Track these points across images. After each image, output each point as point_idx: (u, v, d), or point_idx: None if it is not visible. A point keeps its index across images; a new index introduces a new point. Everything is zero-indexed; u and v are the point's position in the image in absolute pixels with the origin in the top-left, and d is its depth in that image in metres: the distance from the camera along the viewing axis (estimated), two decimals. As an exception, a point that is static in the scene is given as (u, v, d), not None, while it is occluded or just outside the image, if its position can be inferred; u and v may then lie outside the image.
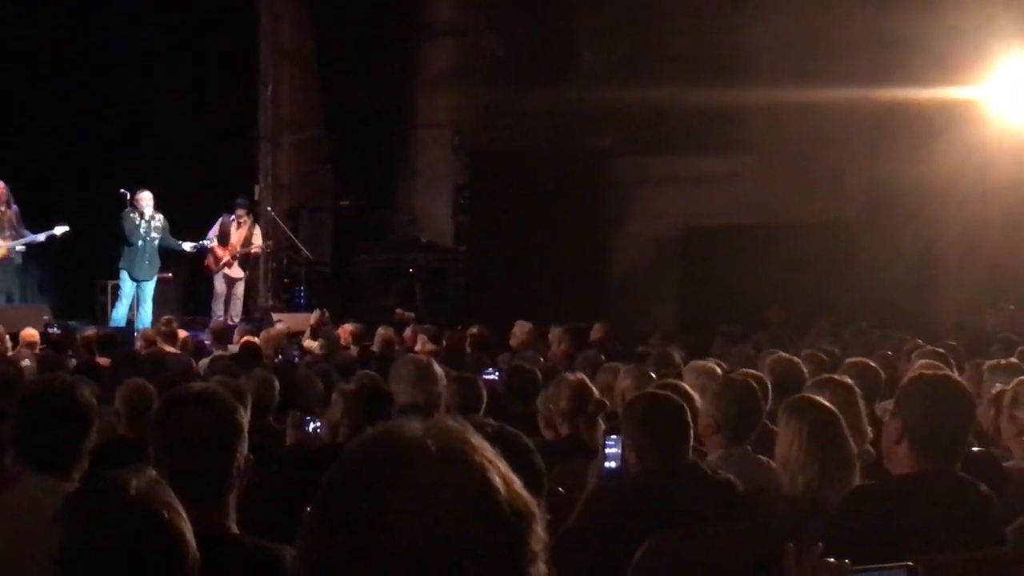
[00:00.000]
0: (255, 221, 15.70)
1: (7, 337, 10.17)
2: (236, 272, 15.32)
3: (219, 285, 15.20)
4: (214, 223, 15.38)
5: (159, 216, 14.49)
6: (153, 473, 2.00)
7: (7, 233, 14.23)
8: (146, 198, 14.45)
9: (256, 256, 15.83)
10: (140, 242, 14.31)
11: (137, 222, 14.36)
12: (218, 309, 15.11)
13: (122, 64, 17.85)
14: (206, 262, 15.20)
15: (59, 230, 14.26)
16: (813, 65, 15.53)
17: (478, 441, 1.58)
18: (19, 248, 14.20)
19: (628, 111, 16.40)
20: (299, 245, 16.39)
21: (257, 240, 15.48)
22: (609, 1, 17.36)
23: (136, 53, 17.99)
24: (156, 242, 14.44)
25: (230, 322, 14.13)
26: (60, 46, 17.53)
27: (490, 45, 17.52)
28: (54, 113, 17.48)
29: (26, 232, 14.36)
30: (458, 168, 17.55)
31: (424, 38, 17.85)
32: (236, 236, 15.22)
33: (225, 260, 15.10)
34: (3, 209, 14.34)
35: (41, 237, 14.32)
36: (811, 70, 15.45)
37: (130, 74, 17.91)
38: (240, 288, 15.44)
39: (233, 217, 15.28)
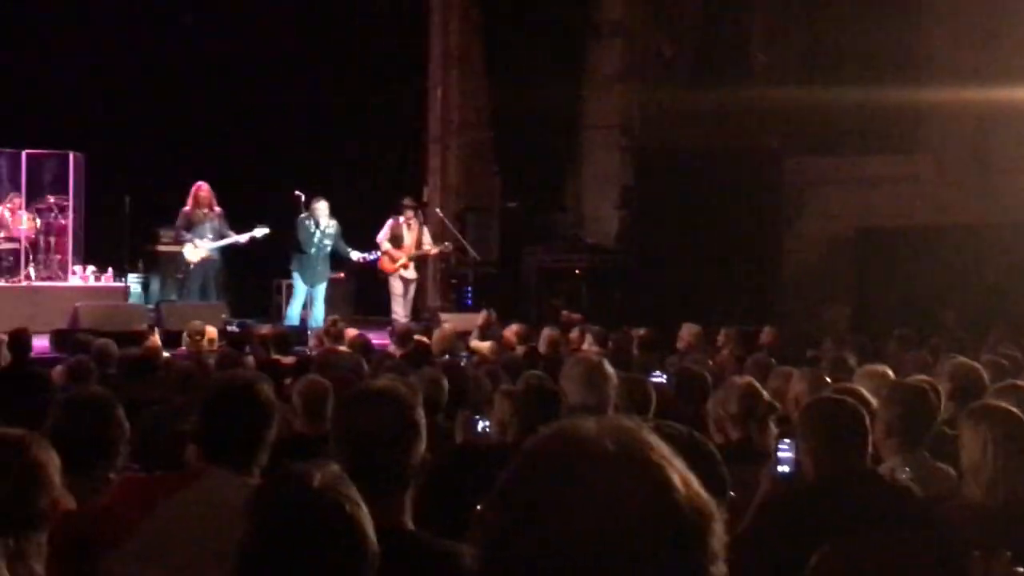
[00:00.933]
0: (423, 222, 15.82)
1: (205, 330, 10.52)
2: (411, 274, 15.43)
3: (396, 286, 15.33)
4: (383, 225, 15.52)
5: (333, 223, 14.73)
6: (336, 468, 2.03)
7: (209, 235, 14.65)
8: (322, 207, 14.68)
9: (436, 257, 15.93)
10: (313, 250, 14.58)
11: (312, 230, 14.61)
12: (398, 309, 15.22)
13: (294, 68, 18.29)
14: (380, 264, 15.36)
15: (259, 231, 14.61)
16: (991, 63, 15.07)
17: (654, 440, 1.56)
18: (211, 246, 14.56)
19: (801, 110, 16.12)
20: (467, 246, 16.53)
21: (427, 240, 15.60)
22: (782, 1, 17.12)
23: (308, 58, 18.42)
24: (328, 249, 14.70)
25: (408, 321, 14.31)
26: (238, 53, 18.04)
27: (659, 45, 17.42)
28: (230, 118, 18.01)
29: (229, 233, 14.75)
30: (626, 169, 17.48)
31: (593, 39, 17.84)
32: (409, 238, 15.33)
33: (402, 261, 15.21)
34: (206, 211, 14.76)
35: (243, 238, 14.70)
36: (989, 68, 14.99)
37: (302, 78, 18.35)
38: (412, 289, 15.58)
39: (402, 219, 15.42)
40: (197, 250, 14.64)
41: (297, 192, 15.08)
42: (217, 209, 14.85)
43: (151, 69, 17.76)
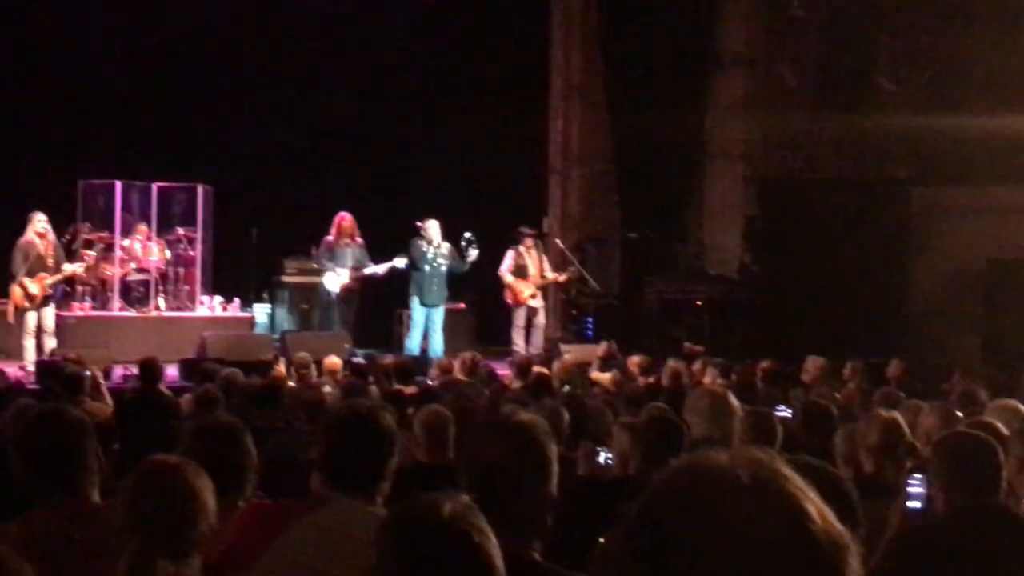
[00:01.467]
0: (542, 250, 15.79)
1: (312, 364, 10.63)
2: (537, 302, 15.40)
3: (519, 318, 15.28)
4: (503, 256, 15.50)
5: (445, 244, 14.82)
6: (465, 498, 2.03)
7: (351, 264, 14.84)
8: (432, 226, 14.82)
9: (562, 284, 15.87)
10: (427, 267, 14.65)
11: (424, 248, 14.72)
12: (519, 341, 15.19)
13: (416, 97, 18.52)
14: (506, 295, 15.34)
15: (399, 262, 14.74)
16: None
17: (788, 471, 1.54)
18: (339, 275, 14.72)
19: (929, 139, 15.83)
20: (587, 277, 16.49)
21: (549, 268, 15.55)
22: (908, 27, 16.82)
23: (430, 87, 18.64)
24: (443, 268, 14.76)
25: (532, 352, 14.29)
26: (362, 86, 18.33)
27: (782, 74, 17.25)
28: (354, 149, 18.29)
29: (370, 263, 14.93)
30: (748, 199, 17.32)
31: (715, 68, 17.75)
32: (533, 267, 15.29)
33: (530, 291, 15.16)
34: (348, 241, 14.96)
35: (381, 269, 14.85)
36: None
37: (424, 108, 18.55)
38: (541, 317, 15.50)
39: (522, 249, 15.40)
40: (339, 279, 14.81)
41: (417, 223, 15.19)
42: (359, 240, 15.03)
43: (278, 104, 18.10)
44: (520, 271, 15.21)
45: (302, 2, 18.28)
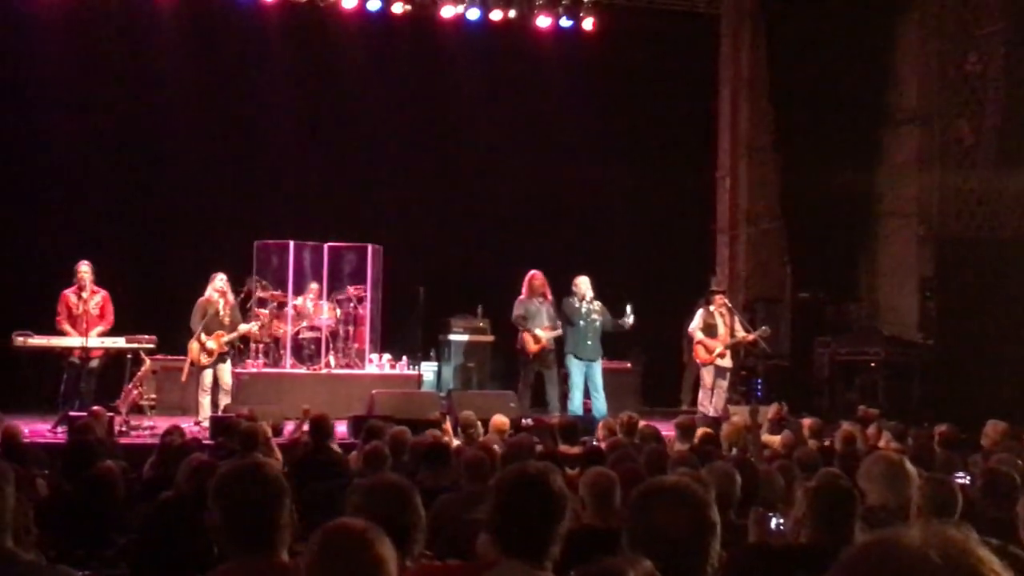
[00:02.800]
0: (732, 309, 15.44)
1: (479, 423, 10.64)
2: (727, 362, 15.11)
3: (707, 377, 15.02)
4: (694, 314, 15.18)
5: (597, 303, 14.69)
6: (648, 564, 1.97)
7: (547, 323, 14.71)
8: (583, 282, 14.69)
9: (753, 343, 15.55)
10: (581, 322, 14.55)
11: (576, 304, 14.64)
12: (705, 402, 14.84)
13: (582, 157, 18.60)
14: (696, 355, 15.11)
15: (629, 320, 14.69)
16: None
17: (984, 553, 1.46)
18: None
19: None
20: (757, 338, 16.18)
21: (740, 328, 15.21)
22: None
23: (597, 147, 18.70)
24: (597, 323, 14.60)
25: (713, 413, 14.05)
26: (527, 147, 18.50)
27: (959, 130, 16.84)
28: (517, 208, 18.46)
29: (558, 323, 14.81)
30: (924, 258, 16.89)
31: (889, 125, 17.41)
32: (723, 326, 15.01)
33: (719, 351, 14.90)
34: (541, 299, 14.89)
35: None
36: None
37: (591, 167, 18.62)
38: (727, 378, 15.21)
39: (712, 308, 15.11)
40: (542, 336, 14.77)
41: (575, 280, 15.07)
42: (549, 297, 15.02)
43: (445, 165, 18.37)
44: (709, 330, 14.92)
45: (468, 65, 18.54)
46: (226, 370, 13.84)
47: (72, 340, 13.09)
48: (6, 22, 16.37)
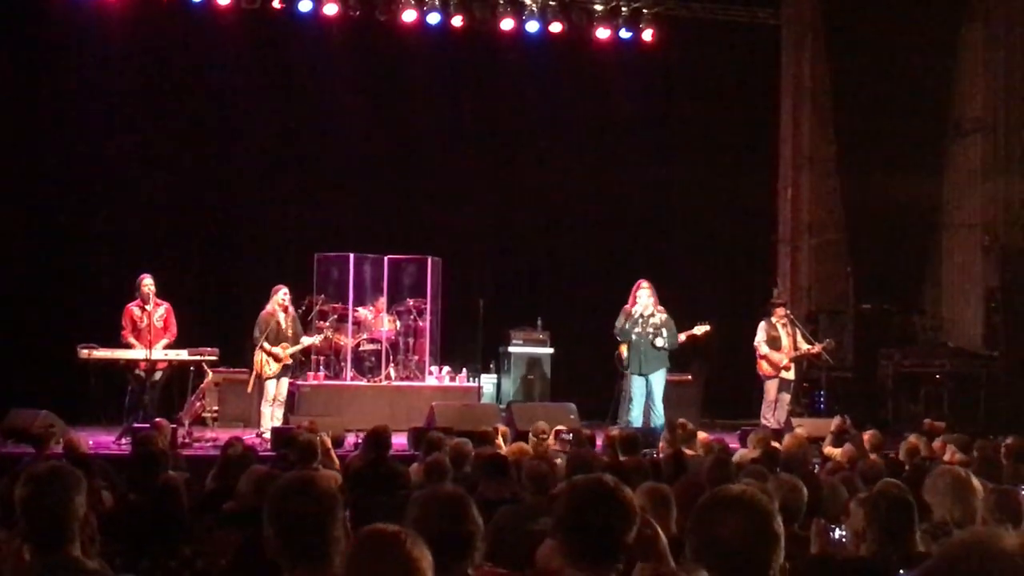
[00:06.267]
0: (794, 321, 15.26)
1: (546, 433, 10.63)
2: (791, 375, 14.89)
3: (771, 390, 14.87)
4: (757, 328, 14.99)
5: (661, 315, 14.43)
6: (705, 574, 1.95)
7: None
8: (640, 295, 14.41)
9: (817, 356, 15.34)
10: (634, 337, 14.23)
11: (622, 321, 14.37)
12: (768, 415, 14.63)
13: (645, 168, 18.56)
14: (759, 368, 14.90)
15: (699, 329, 14.54)
16: None
17: None
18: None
19: None
20: (820, 350, 16.00)
21: (802, 339, 15.01)
22: None
23: (659, 158, 18.66)
24: (651, 337, 14.29)
25: (777, 426, 13.87)
26: (584, 156, 18.49)
27: (1024, 141, 16.64)
28: (576, 218, 18.45)
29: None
30: (989, 269, 16.67)
31: (954, 135, 17.20)
32: (786, 338, 14.84)
33: (784, 363, 14.72)
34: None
35: (682, 337, 14.50)
36: None
37: (653, 177, 18.59)
38: (791, 391, 15.01)
39: (774, 320, 14.94)
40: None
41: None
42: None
43: (504, 177, 18.37)
44: (773, 342, 14.74)
45: (527, 77, 18.56)
46: (283, 382, 13.91)
47: (136, 352, 13.21)
48: (70, 32, 16.56)
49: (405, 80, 18.27)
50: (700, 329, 14.45)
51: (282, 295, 13.88)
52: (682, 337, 14.34)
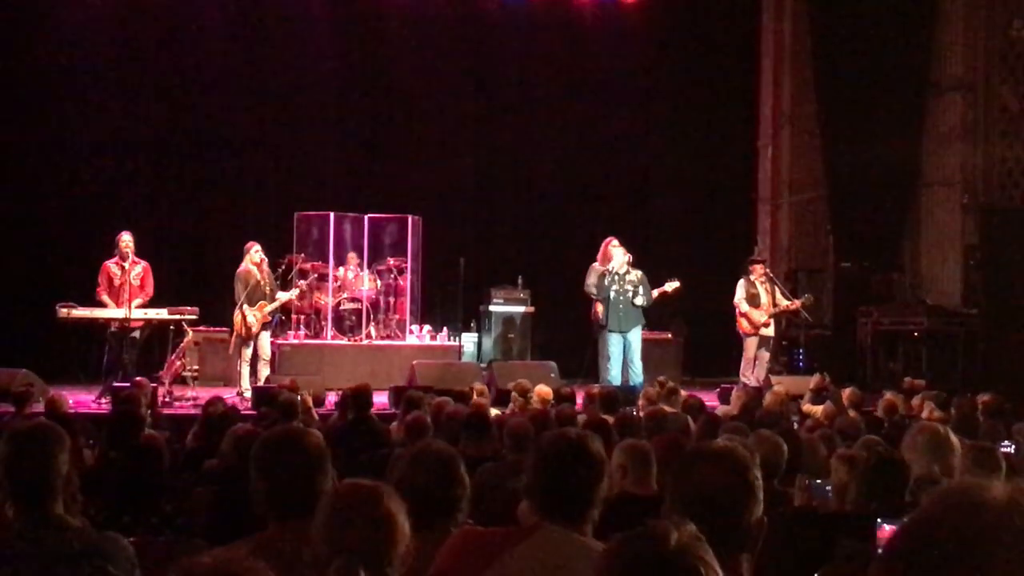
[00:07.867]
0: (773, 278, 15.25)
1: (529, 391, 10.67)
2: (770, 331, 14.93)
3: (750, 349, 14.77)
4: (736, 286, 14.99)
5: (636, 273, 14.28)
6: (693, 528, 1.96)
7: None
8: (615, 254, 14.34)
9: (794, 312, 15.34)
10: (612, 294, 14.10)
11: (595, 276, 14.30)
12: (748, 373, 14.63)
13: (624, 128, 18.56)
14: (739, 326, 14.90)
15: (670, 286, 14.49)
16: None
17: None
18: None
19: None
20: (799, 308, 16.05)
21: (782, 296, 15.02)
22: None
23: (637, 118, 18.67)
24: (630, 295, 14.29)
25: (756, 384, 13.89)
26: (566, 115, 18.45)
27: (1004, 99, 16.64)
28: (557, 178, 18.45)
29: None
30: (968, 228, 16.72)
31: (933, 94, 17.19)
32: (765, 295, 14.83)
33: (763, 320, 14.72)
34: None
35: (654, 293, 14.45)
36: None
37: (631, 138, 18.59)
38: (769, 348, 15.02)
39: (753, 278, 14.94)
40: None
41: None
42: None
43: (485, 138, 18.34)
44: (752, 300, 14.73)
45: (508, 38, 18.51)
46: (265, 341, 13.88)
47: (117, 312, 13.11)
48: (54, 4, 16.51)
49: (385, 37, 18.19)
50: (671, 286, 14.45)
51: (255, 252, 13.79)
52: (655, 293, 14.35)
